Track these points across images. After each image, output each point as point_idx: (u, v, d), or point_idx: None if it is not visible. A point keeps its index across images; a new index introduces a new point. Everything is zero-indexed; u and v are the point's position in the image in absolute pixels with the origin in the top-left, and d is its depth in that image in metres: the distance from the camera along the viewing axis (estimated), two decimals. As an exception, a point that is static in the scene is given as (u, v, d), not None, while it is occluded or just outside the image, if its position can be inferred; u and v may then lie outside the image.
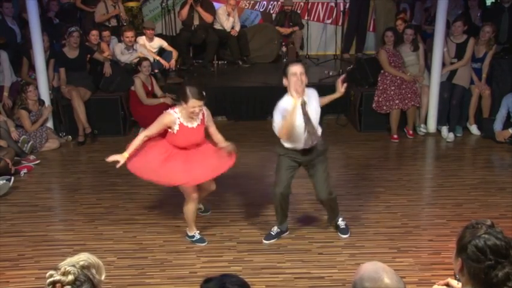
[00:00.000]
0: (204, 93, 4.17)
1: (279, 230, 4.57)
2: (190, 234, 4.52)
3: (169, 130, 4.24)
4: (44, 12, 8.07)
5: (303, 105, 4.01)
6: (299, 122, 4.05)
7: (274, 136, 4.31)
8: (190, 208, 4.40)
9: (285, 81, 4.08)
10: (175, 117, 4.16)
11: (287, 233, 4.63)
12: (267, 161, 6.34)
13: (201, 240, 4.50)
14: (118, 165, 4.19)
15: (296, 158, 4.31)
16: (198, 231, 4.54)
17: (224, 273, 1.91)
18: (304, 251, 4.35)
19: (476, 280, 2.04)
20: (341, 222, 4.62)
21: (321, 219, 4.86)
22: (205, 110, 4.28)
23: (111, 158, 4.17)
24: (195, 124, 4.21)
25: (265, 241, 4.51)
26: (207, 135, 4.43)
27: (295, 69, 3.99)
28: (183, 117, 4.16)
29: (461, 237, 2.11)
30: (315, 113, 4.16)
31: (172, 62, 8.21)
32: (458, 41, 7.05)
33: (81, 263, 1.98)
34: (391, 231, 4.65)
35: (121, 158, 4.17)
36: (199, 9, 8.60)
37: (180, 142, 4.23)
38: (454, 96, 7.03)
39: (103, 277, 2.05)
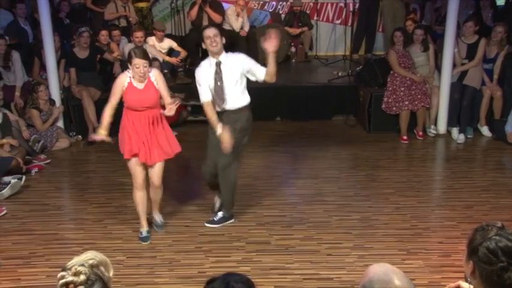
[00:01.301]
0: (147, 52, 4.42)
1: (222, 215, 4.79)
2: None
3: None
4: (55, 13, 8.12)
5: (218, 64, 4.37)
6: (212, 80, 4.36)
7: (282, 137, 4.33)
8: (134, 196, 4.52)
9: (203, 45, 4.50)
10: (127, 76, 4.34)
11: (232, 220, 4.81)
12: (275, 162, 6.35)
13: (143, 239, 4.54)
14: (99, 138, 4.40)
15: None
16: (147, 229, 4.58)
17: (227, 272, 1.91)
18: (312, 252, 4.34)
19: (488, 282, 2.02)
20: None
21: (330, 221, 4.85)
22: (157, 73, 4.43)
23: (93, 137, 4.42)
24: (142, 85, 4.34)
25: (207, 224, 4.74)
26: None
27: (208, 33, 4.38)
28: (134, 78, 4.32)
29: (472, 239, 2.09)
30: (230, 77, 4.36)
31: (181, 55, 8.23)
32: (470, 41, 7.00)
33: (90, 261, 1.99)
34: (400, 232, 4.63)
35: (100, 135, 4.37)
36: (208, 10, 8.61)
37: (129, 101, 4.33)
38: (465, 97, 6.98)
39: (111, 273, 2.06)
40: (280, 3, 10.14)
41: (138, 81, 4.32)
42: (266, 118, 7.52)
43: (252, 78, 4.50)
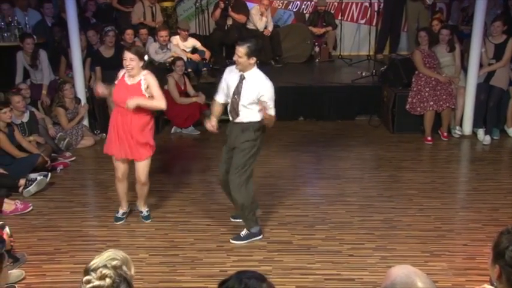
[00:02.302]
0: (141, 51, 4.54)
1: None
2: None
3: None
4: (81, 12, 8.24)
5: (241, 78, 4.25)
6: (231, 90, 4.28)
7: (305, 136, 4.31)
8: (115, 185, 4.80)
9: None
10: (121, 71, 4.53)
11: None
12: (298, 161, 6.34)
13: (116, 219, 4.84)
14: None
15: (230, 134, 4.41)
16: (122, 211, 4.85)
17: (239, 271, 1.93)
18: (334, 253, 4.32)
19: None
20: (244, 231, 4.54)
21: (352, 221, 4.82)
22: (150, 77, 4.45)
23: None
24: (130, 82, 4.45)
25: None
26: None
27: (236, 50, 4.20)
28: (126, 73, 4.47)
29: (497, 243, 2.05)
30: (247, 96, 4.23)
31: (206, 55, 8.29)
32: (497, 41, 6.88)
33: (113, 263, 2.00)
34: (423, 234, 4.58)
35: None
36: (231, 13, 8.67)
37: (114, 94, 4.55)
38: (492, 98, 6.87)
39: (133, 271, 2.08)
40: (305, 2, 10.11)
41: (129, 76, 4.45)
42: (289, 118, 7.51)
43: None
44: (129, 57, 4.36)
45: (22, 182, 5.43)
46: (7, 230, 4.00)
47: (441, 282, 3.80)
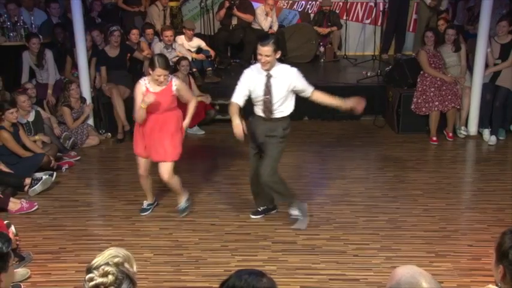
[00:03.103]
0: (168, 62, 4.58)
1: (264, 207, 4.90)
2: None
3: None
4: (87, 12, 8.27)
5: (268, 76, 4.32)
6: (260, 90, 4.34)
7: (310, 136, 4.35)
8: (140, 182, 4.94)
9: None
10: (142, 84, 4.57)
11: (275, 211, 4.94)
12: (302, 161, 6.33)
13: (141, 210, 5.00)
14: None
15: (256, 130, 4.50)
16: (147, 202, 5.04)
17: (238, 269, 1.96)
18: (339, 253, 4.31)
19: None
20: (293, 212, 4.70)
21: (357, 221, 4.82)
22: (179, 83, 4.64)
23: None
24: (158, 89, 4.54)
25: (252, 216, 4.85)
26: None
27: (260, 50, 4.25)
28: (150, 83, 4.56)
29: (500, 243, 2.05)
30: (279, 91, 4.34)
31: (212, 53, 8.34)
32: (503, 41, 6.86)
33: (115, 260, 2.01)
34: (428, 234, 4.56)
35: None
36: (238, 13, 8.67)
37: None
38: (498, 98, 6.85)
39: (135, 268, 2.09)
40: (310, 2, 10.11)
41: (155, 86, 4.53)
42: (294, 118, 7.36)
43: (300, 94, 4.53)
44: (163, 74, 4.45)
45: (28, 181, 5.45)
46: (13, 228, 4.02)
47: (446, 283, 3.79)
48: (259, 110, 4.45)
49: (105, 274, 1.96)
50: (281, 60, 9.40)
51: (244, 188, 5.27)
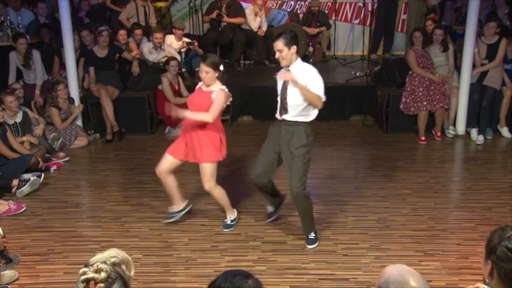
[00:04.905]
0: (216, 61, 4.45)
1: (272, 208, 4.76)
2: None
3: None
4: (75, 12, 8.21)
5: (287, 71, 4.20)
6: (280, 86, 4.28)
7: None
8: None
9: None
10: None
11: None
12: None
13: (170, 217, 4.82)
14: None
15: (273, 131, 4.36)
16: (185, 204, 4.82)
17: (225, 271, 1.97)
18: (329, 252, 4.33)
19: (507, 280, 2.01)
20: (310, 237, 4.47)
21: (346, 221, 4.83)
22: (220, 94, 4.39)
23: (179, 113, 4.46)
24: (205, 89, 4.50)
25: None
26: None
27: (275, 46, 4.20)
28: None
29: (490, 240, 2.09)
30: (294, 89, 4.15)
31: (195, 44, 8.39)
32: (490, 41, 6.92)
33: (112, 259, 2.01)
34: (417, 234, 4.59)
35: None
36: (228, 19, 8.67)
37: (189, 100, 4.71)
38: (485, 98, 6.90)
39: (132, 273, 2.09)
40: (299, 2, 10.13)
41: (205, 85, 4.48)
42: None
43: None
44: (204, 70, 4.37)
45: (15, 182, 5.41)
46: (0, 230, 3.98)
47: (435, 282, 3.81)
48: (277, 111, 4.31)
49: (98, 270, 1.96)
50: (270, 60, 9.48)
51: (234, 188, 5.26)
